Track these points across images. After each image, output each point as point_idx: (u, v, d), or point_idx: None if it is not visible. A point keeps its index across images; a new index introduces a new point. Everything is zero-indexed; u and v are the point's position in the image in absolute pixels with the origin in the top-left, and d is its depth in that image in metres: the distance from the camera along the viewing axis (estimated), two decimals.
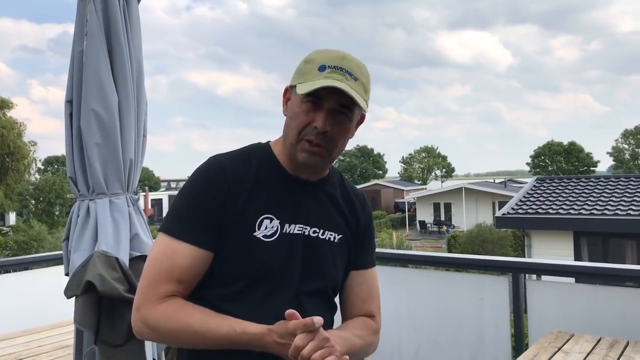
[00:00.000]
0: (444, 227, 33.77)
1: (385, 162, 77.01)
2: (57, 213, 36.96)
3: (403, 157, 73.32)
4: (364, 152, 75.51)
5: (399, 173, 73.87)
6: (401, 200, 44.10)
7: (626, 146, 60.68)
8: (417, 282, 3.20)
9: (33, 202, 37.79)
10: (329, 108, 1.13)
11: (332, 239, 1.24)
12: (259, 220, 1.16)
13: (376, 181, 56.32)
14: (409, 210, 39.34)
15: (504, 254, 18.69)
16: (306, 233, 1.20)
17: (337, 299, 1.33)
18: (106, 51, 1.99)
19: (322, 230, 1.23)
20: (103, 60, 1.97)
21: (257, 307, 1.13)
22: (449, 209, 36.35)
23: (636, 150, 59.80)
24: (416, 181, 65.57)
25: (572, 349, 2.14)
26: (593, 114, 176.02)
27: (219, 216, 1.14)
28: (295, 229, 1.19)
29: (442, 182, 64.57)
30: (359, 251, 1.31)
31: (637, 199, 11.09)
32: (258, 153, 1.23)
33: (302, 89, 1.12)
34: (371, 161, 74.87)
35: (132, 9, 2.13)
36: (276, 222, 1.17)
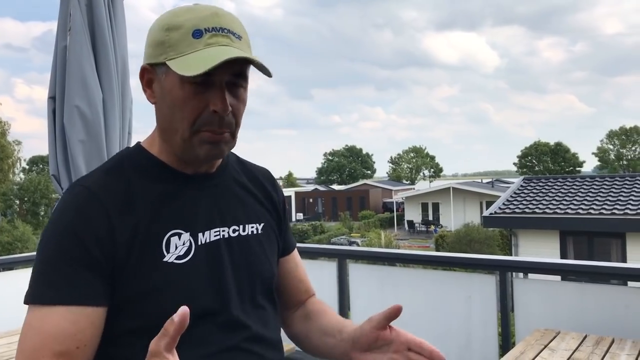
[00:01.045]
0: (432, 227, 33.96)
1: (374, 162, 77.45)
2: (42, 213, 36.51)
3: (391, 157, 73.69)
4: (353, 152, 75.74)
5: (387, 173, 74.18)
6: (389, 200, 44.27)
7: (611, 147, 61.55)
8: (405, 281, 3.20)
9: (17, 202, 37.30)
10: (222, 82, 0.88)
11: (255, 232, 1.04)
12: (164, 241, 0.90)
13: (365, 181, 56.50)
14: (397, 210, 39.49)
15: (492, 253, 18.84)
16: (225, 236, 0.98)
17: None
18: (90, 47, 1.97)
19: (242, 226, 1.02)
20: (87, 56, 1.95)
21: (199, 345, 0.91)
22: (437, 208, 36.56)
23: (621, 150, 60.68)
24: (404, 181, 65.89)
25: (559, 346, 2.15)
26: (579, 114, 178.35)
27: (105, 260, 0.85)
28: (211, 236, 0.96)
29: (430, 182, 64.89)
30: (284, 233, 1.15)
31: (621, 198, 11.24)
32: (132, 162, 0.95)
33: (184, 68, 0.84)
34: (360, 161, 75.12)
35: (117, 6, 2.11)
36: (186, 236, 0.92)
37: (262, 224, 1.06)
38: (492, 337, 2.80)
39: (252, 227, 1.04)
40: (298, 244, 1.38)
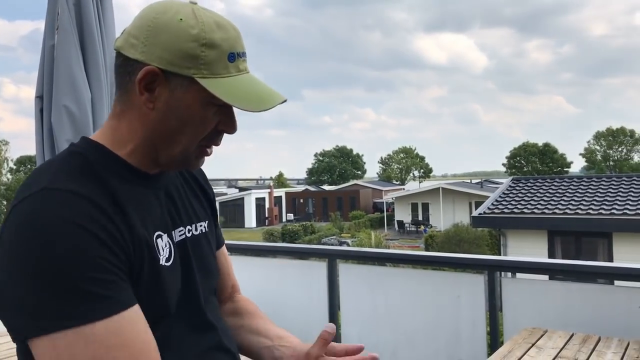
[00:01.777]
0: (422, 227, 34.09)
1: (364, 163, 77.57)
2: None
3: (382, 158, 73.93)
4: (343, 153, 75.83)
5: (377, 173, 74.39)
6: (380, 200, 44.38)
7: (598, 147, 62.29)
8: (395, 281, 3.21)
9: (5, 202, 36.87)
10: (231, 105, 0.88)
11: (204, 230, 1.04)
12: (155, 243, 0.87)
13: (355, 181, 56.59)
14: (387, 210, 39.59)
15: (481, 253, 18.96)
16: (188, 235, 0.99)
17: None
18: (78, 46, 1.95)
19: (194, 225, 1.01)
20: (75, 56, 1.94)
21: (180, 348, 0.92)
22: (426, 209, 36.71)
23: (607, 151, 61.38)
24: (394, 181, 66.10)
25: (546, 345, 2.17)
26: (566, 115, 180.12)
27: (120, 264, 0.79)
28: (177, 235, 0.95)
29: (420, 182, 65.17)
30: (217, 229, 1.15)
31: (608, 199, 11.37)
32: (97, 159, 0.86)
33: (228, 94, 0.83)
34: (350, 162, 75.22)
35: (106, 4, 2.09)
36: (166, 238, 0.90)
37: (206, 222, 1.07)
38: (480, 336, 2.82)
39: (201, 225, 1.04)
40: (288, 245, 1.39)
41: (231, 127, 0.90)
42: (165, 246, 0.90)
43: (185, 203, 1.02)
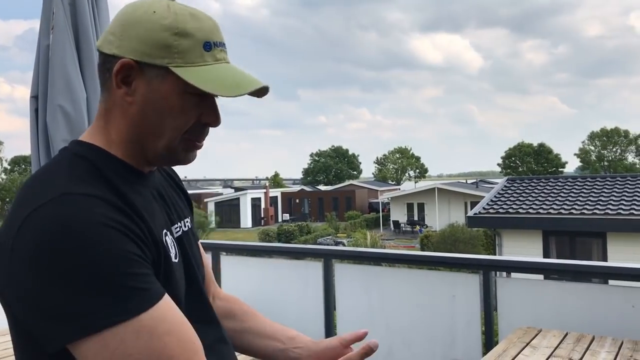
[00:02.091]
0: (417, 227, 34.15)
1: (360, 163, 77.61)
2: None
3: (377, 158, 74.01)
4: (339, 153, 75.83)
5: (373, 174, 74.45)
6: (375, 200, 44.42)
7: (592, 148, 62.56)
8: (390, 281, 3.22)
9: None
10: (214, 96, 0.88)
11: (190, 226, 1.05)
12: (164, 242, 0.88)
13: (351, 182, 56.62)
14: (383, 211, 39.64)
15: (476, 253, 19.01)
16: (181, 232, 0.99)
17: None
18: (74, 45, 1.95)
19: (182, 222, 1.02)
20: (70, 55, 1.93)
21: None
22: (422, 209, 36.78)
23: (602, 152, 61.68)
24: (390, 182, 66.19)
25: (540, 344, 2.18)
26: (561, 116, 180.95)
27: (147, 258, 0.81)
28: (175, 232, 0.97)
29: (415, 182, 65.29)
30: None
31: (602, 199, 11.43)
32: (102, 162, 0.86)
33: (204, 82, 0.83)
34: (346, 162, 75.22)
35: (102, 4, 2.09)
36: (169, 235, 0.92)
37: (188, 219, 1.07)
38: (475, 335, 2.83)
39: (187, 221, 1.04)
40: (284, 245, 1.38)
41: (213, 119, 0.88)
42: (172, 244, 0.91)
43: (173, 201, 1.02)
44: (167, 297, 0.79)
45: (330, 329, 3.33)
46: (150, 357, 0.73)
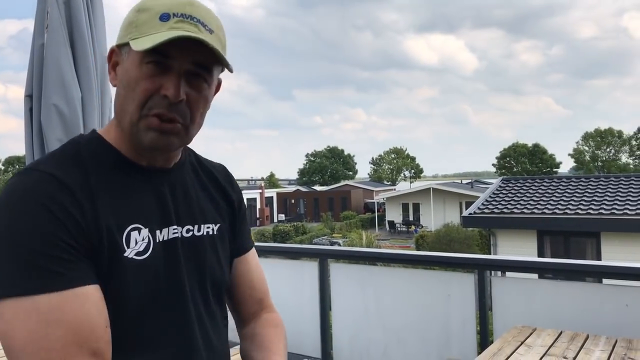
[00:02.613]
0: (413, 227, 34.20)
1: (356, 163, 77.64)
2: None
3: (373, 158, 74.03)
4: (335, 153, 75.85)
5: (368, 174, 74.50)
6: (371, 200, 44.47)
7: (586, 148, 62.84)
8: (386, 280, 3.22)
9: None
10: (181, 69, 0.85)
11: (210, 232, 1.01)
12: (125, 235, 0.85)
13: (346, 182, 56.64)
14: (378, 211, 39.67)
15: (471, 252, 19.06)
16: (180, 235, 0.95)
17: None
18: (68, 44, 1.94)
19: (197, 226, 0.98)
20: (65, 54, 1.92)
21: (154, 347, 0.88)
22: (417, 209, 36.84)
23: (596, 152, 61.98)
24: (385, 182, 66.25)
25: (535, 343, 2.19)
26: (555, 116, 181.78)
27: (84, 240, 0.80)
28: (170, 233, 0.93)
29: (410, 182, 65.39)
30: (239, 235, 1.11)
31: (596, 199, 11.49)
32: (89, 148, 0.90)
33: (141, 44, 0.82)
34: (341, 162, 75.25)
35: (96, 3, 2.08)
36: (145, 232, 0.88)
37: (217, 225, 1.03)
38: (470, 334, 2.84)
39: (208, 227, 1.01)
40: (279, 245, 1.35)
41: (168, 89, 0.84)
42: (142, 240, 0.87)
43: (192, 203, 0.99)
44: (85, 289, 0.77)
45: (325, 329, 3.33)
46: (28, 341, 0.72)
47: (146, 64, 0.85)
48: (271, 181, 68.87)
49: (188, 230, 0.97)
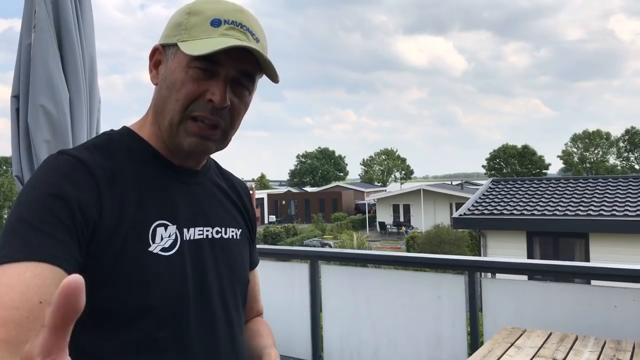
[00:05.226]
0: (403, 228, 34.31)
1: (346, 165, 77.78)
2: (5, 215, 35.31)
3: (363, 160, 74.20)
4: (325, 154, 75.93)
5: (359, 175, 74.66)
6: (362, 201, 44.52)
7: (575, 150, 63.48)
8: (377, 282, 3.22)
9: None
10: (227, 76, 0.86)
11: (235, 236, 1.02)
12: (151, 230, 0.85)
13: (337, 183, 56.70)
14: (369, 212, 39.76)
15: (461, 254, 19.15)
16: (209, 236, 0.95)
17: None
18: (56, 45, 1.92)
19: (224, 229, 0.99)
20: (52, 54, 1.90)
21: (182, 350, 0.86)
22: (407, 210, 36.96)
23: (584, 153, 62.62)
24: (376, 183, 66.42)
25: (525, 344, 2.20)
26: (544, 118, 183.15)
27: (86, 231, 0.78)
28: (195, 233, 0.92)
29: (401, 184, 65.64)
30: (252, 248, 1.13)
31: (585, 200, 11.60)
32: (122, 142, 0.91)
33: (193, 48, 0.83)
34: (332, 163, 75.32)
35: (85, 3, 2.06)
36: (173, 229, 0.88)
37: (240, 230, 1.04)
38: (461, 335, 2.85)
39: (233, 231, 1.01)
40: (270, 246, 1.37)
41: (214, 94, 0.85)
42: (169, 237, 0.87)
43: (219, 206, 1.01)
44: (40, 266, 0.71)
45: (316, 331, 3.32)
46: None
47: (193, 67, 0.86)
48: (262, 182, 68.76)
49: (217, 232, 0.97)
